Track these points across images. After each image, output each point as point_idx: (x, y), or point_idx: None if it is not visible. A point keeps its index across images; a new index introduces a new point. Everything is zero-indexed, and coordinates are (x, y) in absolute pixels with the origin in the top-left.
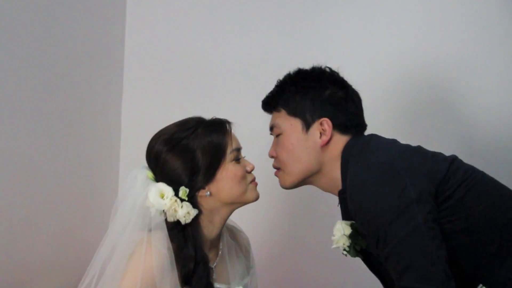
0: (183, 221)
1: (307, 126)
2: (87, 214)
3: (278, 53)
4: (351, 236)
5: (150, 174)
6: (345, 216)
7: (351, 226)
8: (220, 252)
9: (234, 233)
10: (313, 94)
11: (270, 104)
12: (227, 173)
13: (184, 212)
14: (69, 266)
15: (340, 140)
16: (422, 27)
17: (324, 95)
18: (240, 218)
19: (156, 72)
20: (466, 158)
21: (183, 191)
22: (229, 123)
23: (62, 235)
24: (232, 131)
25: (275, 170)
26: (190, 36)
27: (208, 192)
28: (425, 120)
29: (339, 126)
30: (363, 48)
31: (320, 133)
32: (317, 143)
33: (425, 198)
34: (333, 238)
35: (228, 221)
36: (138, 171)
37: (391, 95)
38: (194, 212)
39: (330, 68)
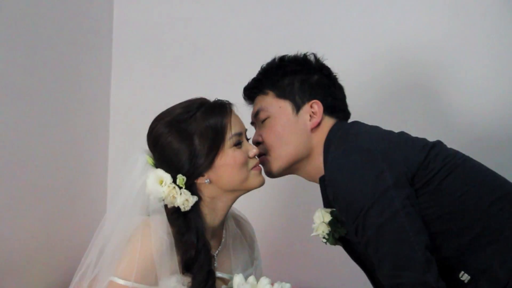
0: (182, 208)
1: (297, 108)
2: (76, 201)
3: (276, 31)
4: (330, 224)
5: (150, 159)
6: (326, 203)
7: (331, 213)
8: (223, 240)
9: (239, 222)
10: (301, 77)
11: (256, 87)
12: (226, 159)
13: (183, 200)
14: (57, 251)
15: (329, 124)
16: (407, 15)
17: (312, 79)
18: (243, 207)
19: (146, 52)
20: (451, 143)
21: (180, 179)
22: (230, 105)
23: (50, 224)
24: (236, 113)
25: (259, 156)
26: (182, 14)
27: (208, 180)
28: (408, 108)
29: (328, 109)
30: (346, 36)
31: (310, 116)
32: (307, 125)
33: (402, 183)
34: (313, 225)
35: (234, 210)
36: (139, 155)
37: (374, 83)
38: (193, 199)
39: (315, 55)
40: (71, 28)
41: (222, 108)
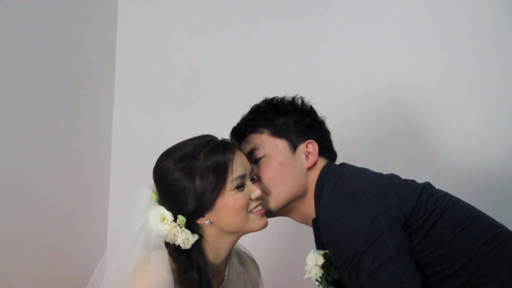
0: (182, 247)
1: (294, 147)
2: (76, 237)
3: (276, 63)
4: (323, 267)
5: (154, 195)
6: (319, 245)
7: (324, 256)
8: (225, 278)
9: (243, 260)
10: (294, 117)
11: (250, 125)
12: (227, 202)
13: (183, 238)
14: (57, 287)
15: (322, 164)
16: (401, 56)
17: (304, 120)
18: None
19: (147, 82)
20: (439, 184)
21: (180, 219)
22: (235, 145)
23: (50, 255)
24: (240, 154)
25: None
26: (183, 46)
27: (208, 221)
28: (397, 147)
29: (321, 150)
30: (340, 76)
31: (306, 155)
32: (304, 165)
33: (396, 228)
34: (305, 267)
35: (240, 247)
36: (144, 189)
37: (360, 121)
38: (193, 238)
39: (302, 99)
40: (74, 63)
41: (225, 149)
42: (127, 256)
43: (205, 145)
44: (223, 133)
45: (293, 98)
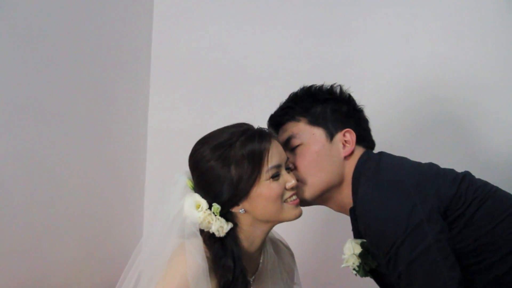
0: (217, 234)
1: (331, 136)
2: (113, 220)
3: (307, 56)
4: (361, 256)
5: (189, 182)
6: (356, 234)
7: (361, 245)
8: (260, 266)
9: (278, 247)
10: (332, 106)
11: (287, 113)
12: (262, 191)
13: (217, 226)
14: (95, 274)
15: (359, 153)
16: (434, 43)
17: (343, 109)
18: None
19: (183, 75)
20: (479, 174)
21: (215, 207)
22: (271, 135)
23: (88, 243)
24: (276, 143)
25: None
26: (219, 35)
27: (242, 209)
28: (435, 137)
29: (358, 139)
30: (377, 70)
31: (343, 144)
32: (341, 153)
33: (435, 217)
34: (343, 256)
35: (275, 234)
36: (180, 176)
37: (398, 112)
38: (228, 226)
39: (341, 87)
40: (110, 52)
41: (261, 138)
42: (162, 243)
43: (241, 133)
44: (260, 122)
45: (331, 86)
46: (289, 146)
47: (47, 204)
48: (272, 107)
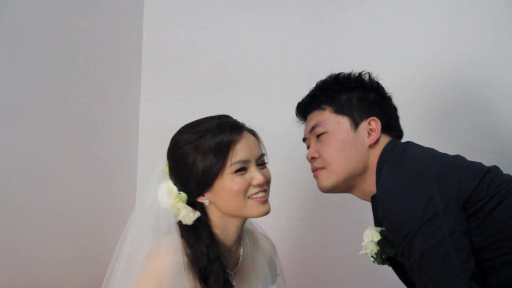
0: (184, 222)
1: (356, 124)
2: (104, 219)
3: (302, 52)
4: (379, 243)
5: (166, 167)
6: (377, 222)
7: (381, 233)
8: (240, 258)
9: (257, 239)
10: (359, 94)
11: (313, 102)
12: (224, 185)
13: (183, 214)
14: (88, 268)
15: (385, 141)
16: (454, 25)
17: (369, 96)
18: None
19: (174, 72)
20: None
21: (181, 196)
22: (242, 129)
23: (81, 237)
24: (249, 138)
25: (314, 171)
26: (210, 30)
27: (207, 200)
28: (459, 126)
29: (384, 127)
30: (390, 50)
31: (368, 133)
32: (366, 142)
33: (453, 209)
34: (362, 243)
35: (255, 225)
36: (161, 161)
37: (421, 99)
38: (194, 215)
39: (370, 74)
40: (101, 48)
41: (231, 131)
42: (141, 234)
43: (216, 125)
44: (251, 118)
45: (360, 73)
46: (314, 134)
47: (36, 202)
48: (264, 104)
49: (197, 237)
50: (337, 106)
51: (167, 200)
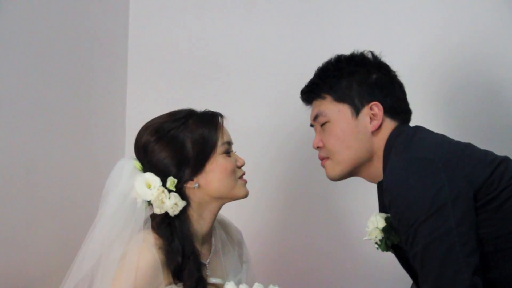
0: (171, 213)
1: (357, 111)
2: (90, 213)
3: (291, 46)
4: (384, 230)
5: (137, 164)
6: (381, 208)
7: (386, 219)
8: (213, 248)
9: (225, 226)
10: (359, 77)
11: (313, 91)
12: (217, 165)
13: (172, 203)
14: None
15: (390, 126)
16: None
17: (371, 79)
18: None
19: (161, 67)
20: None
21: (171, 181)
22: (221, 116)
23: (65, 237)
24: (224, 125)
25: (321, 160)
26: (196, 30)
27: (197, 184)
28: (477, 113)
29: (388, 111)
30: (404, 32)
31: (370, 118)
32: (368, 128)
33: (461, 201)
34: (366, 229)
35: (223, 217)
36: (125, 161)
37: (433, 83)
38: (182, 203)
39: (372, 53)
40: (87, 43)
41: (214, 118)
42: (114, 234)
43: (188, 114)
44: (238, 114)
45: (361, 54)
46: (317, 123)
47: (23, 195)
48: (252, 99)
49: (172, 232)
50: (336, 94)
51: (149, 193)
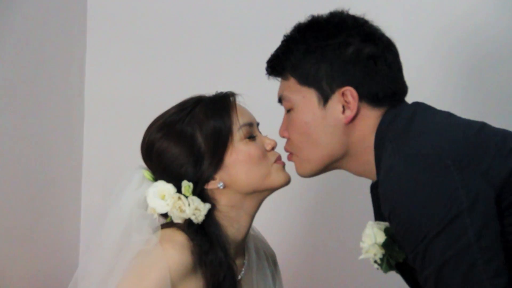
0: (194, 220)
1: (325, 98)
2: (45, 200)
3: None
4: (384, 245)
5: (147, 173)
6: (378, 216)
7: (385, 231)
8: (245, 262)
9: (259, 239)
10: (331, 53)
11: (275, 68)
12: (238, 154)
13: (192, 209)
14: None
15: (371, 115)
16: None
17: (346, 54)
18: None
19: (123, 34)
20: None
21: (186, 186)
22: (233, 95)
23: (16, 236)
24: (242, 104)
25: (287, 154)
26: None
27: (221, 183)
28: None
29: (368, 97)
30: None
31: (343, 107)
32: (340, 119)
33: (481, 206)
34: (361, 245)
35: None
36: (133, 171)
37: (449, 53)
38: (205, 207)
39: (353, 15)
40: (41, 9)
41: (224, 99)
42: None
43: (196, 102)
44: (210, 87)
45: (340, 16)
46: (284, 108)
47: None
48: (227, 71)
49: (212, 239)
50: (301, 76)
51: (163, 204)
